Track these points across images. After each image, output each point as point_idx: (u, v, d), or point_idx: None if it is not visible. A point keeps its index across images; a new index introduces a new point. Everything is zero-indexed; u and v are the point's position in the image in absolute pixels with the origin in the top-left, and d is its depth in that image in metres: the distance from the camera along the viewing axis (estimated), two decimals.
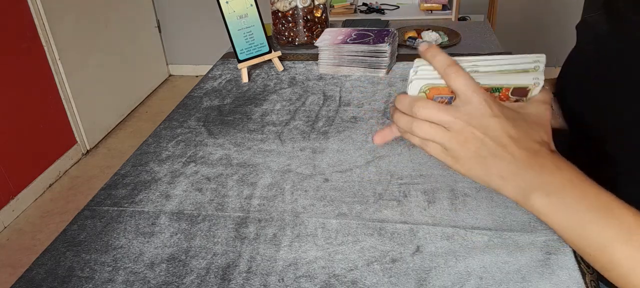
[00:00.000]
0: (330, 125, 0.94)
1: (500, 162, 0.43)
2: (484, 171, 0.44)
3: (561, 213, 0.41)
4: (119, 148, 2.85)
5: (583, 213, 0.41)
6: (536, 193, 0.42)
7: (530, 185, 0.42)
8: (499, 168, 0.43)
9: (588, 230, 0.41)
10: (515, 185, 0.43)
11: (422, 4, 1.78)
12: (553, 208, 0.42)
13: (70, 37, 2.62)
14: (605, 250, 0.40)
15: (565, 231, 0.42)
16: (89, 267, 0.64)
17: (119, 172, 0.84)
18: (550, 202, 0.42)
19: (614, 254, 0.40)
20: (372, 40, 1.14)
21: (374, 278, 0.59)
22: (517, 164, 0.42)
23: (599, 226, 0.40)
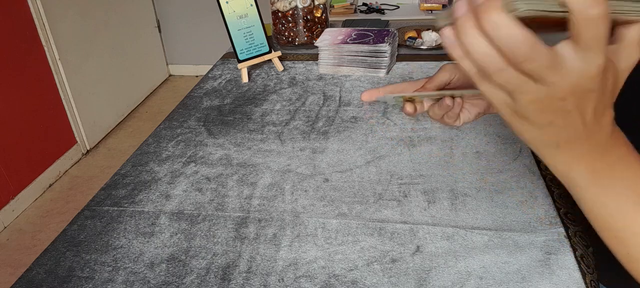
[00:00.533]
0: (330, 125, 0.94)
1: (567, 133, 0.35)
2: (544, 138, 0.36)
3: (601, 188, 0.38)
4: (119, 148, 2.85)
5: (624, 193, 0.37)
6: (583, 164, 0.37)
7: (581, 155, 0.37)
8: (561, 138, 0.36)
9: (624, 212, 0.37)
10: (567, 154, 0.37)
11: (422, 4, 1.78)
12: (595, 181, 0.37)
13: (70, 37, 2.62)
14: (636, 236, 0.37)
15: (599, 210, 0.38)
16: (89, 267, 0.64)
17: (119, 172, 0.84)
18: (595, 176, 0.37)
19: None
20: (372, 40, 1.14)
21: (374, 278, 0.59)
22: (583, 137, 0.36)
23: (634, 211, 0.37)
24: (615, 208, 0.38)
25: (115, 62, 3.03)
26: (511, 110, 0.35)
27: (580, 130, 0.35)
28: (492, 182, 0.75)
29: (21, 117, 2.35)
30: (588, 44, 0.30)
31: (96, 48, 2.85)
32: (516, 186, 0.73)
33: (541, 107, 0.33)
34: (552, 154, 0.38)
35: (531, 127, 0.35)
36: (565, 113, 0.34)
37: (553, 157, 0.38)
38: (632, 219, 0.37)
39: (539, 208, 0.68)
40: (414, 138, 0.87)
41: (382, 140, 0.88)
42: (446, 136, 0.87)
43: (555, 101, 0.33)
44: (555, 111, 0.34)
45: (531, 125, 0.35)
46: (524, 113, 0.34)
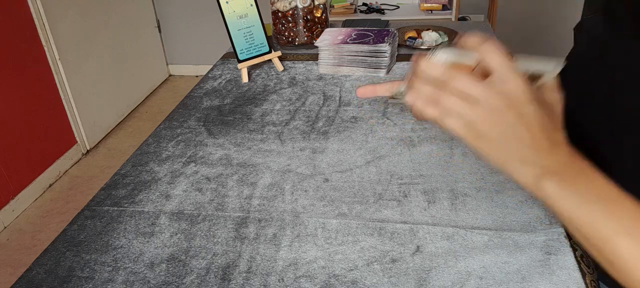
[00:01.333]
0: (330, 125, 0.94)
1: (524, 147, 0.42)
2: (505, 154, 0.43)
3: (571, 200, 0.42)
4: (119, 148, 2.85)
5: (591, 202, 0.41)
6: (551, 178, 0.42)
7: (547, 171, 0.42)
8: (520, 152, 0.43)
9: (594, 219, 0.41)
10: (533, 170, 0.43)
11: (422, 4, 1.78)
12: (564, 194, 0.42)
13: (70, 37, 2.62)
14: (609, 241, 0.40)
15: (572, 219, 0.42)
16: (89, 267, 0.64)
17: (119, 172, 0.84)
18: (563, 188, 0.42)
19: (618, 246, 0.40)
20: (372, 40, 1.14)
21: (374, 278, 0.59)
22: (538, 150, 0.42)
23: (605, 217, 0.41)
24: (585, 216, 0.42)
25: (115, 62, 3.03)
26: (472, 135, 0.43)
27: (535, 145, 0.42)
28: (492, 182, 0.75)
29: (21, 117, 2.35)
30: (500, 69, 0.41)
31: (96, 48, 2.85)
32: (516, 186, 0.73)
33: (489, 122, 0.42)
34: (519, 171, 0.44)
35: (491, 144, 0.43)
36: (511, 125, 0.41)
37: (521, 174, 0.44)
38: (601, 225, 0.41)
39: (539, 208, 0.68)
40: (414, 138, 0.87)
41: (382, 140, 0.88)
42: (446, 136, 0.87)
43: (497, 115, 0.41)
44: (500, 124, 0.42)
45: (490, 143, 0.43)
46: (479, 132, 0.43)
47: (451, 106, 0.43)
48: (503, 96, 0.41)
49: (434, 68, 0.43)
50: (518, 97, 0.41)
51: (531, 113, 0.42)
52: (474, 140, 0.44)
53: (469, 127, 0.43)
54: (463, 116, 0.43)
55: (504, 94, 0.41)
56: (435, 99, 0.43)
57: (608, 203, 0.41)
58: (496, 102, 0.41)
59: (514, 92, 0.41)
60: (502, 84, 0.41)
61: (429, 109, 0.44)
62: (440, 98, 0.43)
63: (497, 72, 0.41)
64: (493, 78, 0.41)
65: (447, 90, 0.43)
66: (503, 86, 0.41)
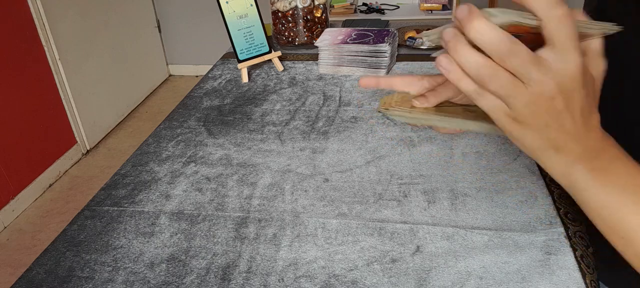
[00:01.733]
0: (330, 125, 0.94)
1: (564, 135, 0.38)
2: (541, 141, 0.39)
3: (601, 189, 0.39)
4: (119, 148, 2.85)
5: (623, 192, 0.38)
6: (582, 166, 0.39)
7: (578, 157, 0.39)
8: (558, 140, 0.38)
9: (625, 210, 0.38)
10: (565, 156, 0.39)
11: (422, 4, 1.78)
12: (594, 182, 0.39)
13: (70, 37, 2.62)
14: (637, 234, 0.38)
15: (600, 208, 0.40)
16: (89, 267, 0.64)
17: (119, 172, 0.84)
18: (593, 177, 0.39)
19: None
20: (372, 40, 1.14)
21: (374, 278, 0.59)
22: (577, 138, 0.38)
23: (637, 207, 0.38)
24: (616, 207, 0.39)
25: (115, 62, 3.03)
26: (510, 118, 0.38)
27: (573, 131, 0.38)
28: (492, 182, 0.75)
29: (21, 117, 2.35)
30: (563, 45, 0.34)
31: (96, 48, 2.85)
32: (516, 186, 0.73)
33: (534, 109, 0.36)
34: (551, 159, 0.40)
35: (529, 131, 0.38)
36: (557, 113, 0.37)
37: (553, 161, 0.40)
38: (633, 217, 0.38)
39: (539, 208, 0.68)
40: (414, 138, 0.87)
41: (382, 140, 0.88)
42: (446, 136, 0.87)
43: (546, 101, 0.36)
44: (547, 111, 0.37)
45: (528, 129, 0.38)
46: (520, 117, 0.37)
47: (499, 89, 0.36)
48: (557, 82, 0.35)
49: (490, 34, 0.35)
50: (572, 82, 0.36)
51: (579, 99, 0.37)
52: (510, 124, 0.39)
53: (509, 110, 0.38)
54: (509, 100, 0.37)
55: (561, 76, 0.35)
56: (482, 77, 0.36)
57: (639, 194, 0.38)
58: (548, 88, 0.36)
59: (570, 76, 0.35)
60: (561, 61, 0.35)
61: (465, 82, 0.38)
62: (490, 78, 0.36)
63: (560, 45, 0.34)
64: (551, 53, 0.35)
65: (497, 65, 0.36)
66: (560, 69, 0.35)
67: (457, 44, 0.37)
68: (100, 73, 2.88)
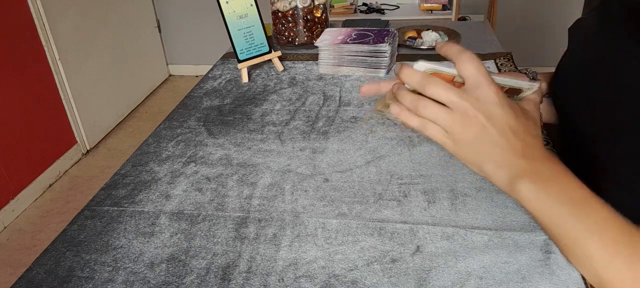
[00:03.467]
0: (330, 125, 0.94)
1: (498, 149, 0.45)
2: (480, 157, 0.46)
3: (544, 201, 0.44)
4: (119, 148, 2.85)
5: (563, 204, 0.43)
6: (524, 180, 0.44)
7: (520, 172, 0.44)
8: (495, 155, 0.45)
9: (566, 220, 0.43)
10: (507, 172, 0.45)
11: (422, 4, 1.78)
12: (537, 196, 0.44)
13: (70, 37, 2.62)
14: (579, 241, 0.42)
15: (544, 219, 0.44)
16: (89, 267, 0.64)
17: (119, 172, 0.84)
18: (536, 190, 0.44)
19: (588, 247, 0.42)
20: (372, 40, 1.14)
21: (374, 278, 0.59)
22: (512, 153, 0.45)
23: (576, 218, 0.42)
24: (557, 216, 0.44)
25: (115, 62, 3.03)
26: (449, 141, 0.46)
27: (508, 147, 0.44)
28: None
29: (21, 117, 2.35)
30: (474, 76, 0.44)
31: (96, 48, 2.85)
32: None
33: (463, 122, 0.44)
34: (495, 172, 0.46)
35: (466, 148, 0.46)
36: (483, 128, 0.44)
37: (497, 176, 0.46)
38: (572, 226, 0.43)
39: None
40: (414, 138, 0.87)
41: (382, 140, 0.88)
42: None
43: (470, 114, 0.44)
44: (474, 124, 0.44)
45: (466, 146, 0.46)
46: (455, 136, 0.45)
47: (428, 114, 0.46)
48: (473, 100, 0.44)
49: (412, 75, 0.46)
50: (487, 100, 0.44)
51: (501, 116, 0.44)
52: (453, 147, 0.47)
53: (446, 133, 0.46)
54: (440, 122, 0.46)
55: (474, 98, 0.44)
56: (415, 107, 0.46)
57: (579, 205, 0.43)
58: (466, 106, 0.44)
59: (483, 96, 0.44)
60: (473, 89, 0.44)
61: (411, 120, 0.48)
62: (419, 106, 0.46)
63: (471, 78, 0.44)
64: (466, 85, 0.45)
65: (423, 98, 0.46)
66: (474, 91, 0.44)
67: (399, 90, 0.48)
68: (100, 73, 2.88)
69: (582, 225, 0.42)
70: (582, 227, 0.42)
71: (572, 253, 0.44)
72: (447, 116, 0.45)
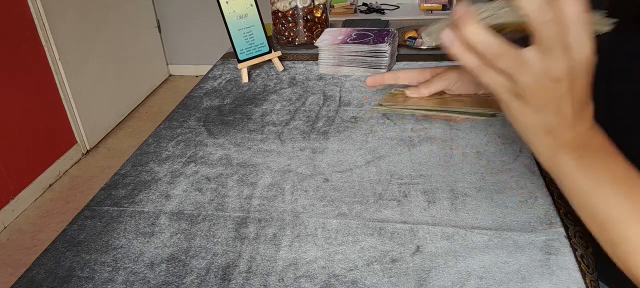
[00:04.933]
0: (330, 125, 0.94)
1: (559, 119, 0.39)
2: (536, 121, 0.40)
3: (586, 177, 0.40)
4: (119, 148, 2.85)
5: (607, 182, 0.40)
6: (569, 150, 0.40)
7: (566, 143, 0.40)
8: (553, 123, 0.39)
9: (607, 199, 0.40)
10: (555, 140, 0.40)
11: (422, 4, 1.78)
12: (579, 170, 0.40)
13: (70, 37, 2.62)
14: (619, 224, 0.39)
15: (583, 196, 0.41)
16: (89, 267, 0.64)
17: (119, 172, 0.84)
18: (579, 164, 0.40)
19: (628, 230, 0.39)
20: (372, 40, 1.14)
21: (374, 278, 0.59)
22: (569, 125, 0.39)
23: (619, 198, 0.39)
24: (597, 194, 0.40)
25: (115, 62, 3.03)
26: (512, 94, 0.39)
27: (569, 117, 0.39)
28: (492, 182, 0.75)
29: (21, 117, 2.35)
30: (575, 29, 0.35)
31: (96, 48, 2.85)
32: (516, 186, 0.73)
33: (539, 87, 0.37)
34: (542, 140, 0.41)
35: (528, 109, 0.39)
36: (560, 96, 0.37)
37: (542, 143, 0.41)
38: (613, 206, 0.39)
39: (539, 208, 0.68)
40: (414, 138, 0.87)
41: (382, 140, 0.88)
42: (446, 136, 0.87)
43: (551, 82, 0.36)
44: (551, 92, 0.37)
45: (528, 107, 0.39)
46: (523, 93, 0.38)
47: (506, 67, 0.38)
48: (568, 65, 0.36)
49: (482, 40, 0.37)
50: (581, 66, 0.36)
51: (583, 85, 0.38)
52: (510, 99, 0.39)
53: (513, 87, 0.38)
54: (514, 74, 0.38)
55: (570, 63, 0.36)
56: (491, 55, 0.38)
57: (624, 185, 0.39)
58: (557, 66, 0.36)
59: (579, 61, 0.36)
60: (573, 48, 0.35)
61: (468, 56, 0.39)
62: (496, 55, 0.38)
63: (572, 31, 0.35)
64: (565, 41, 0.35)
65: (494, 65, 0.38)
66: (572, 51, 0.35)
67: (467, 20, 0.37)
68: (100, 73, 2.88)
69: (626, 207, 0.39)
70: (625, 209, 0.39)
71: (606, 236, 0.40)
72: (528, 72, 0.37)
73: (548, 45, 0.35)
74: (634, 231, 0.39)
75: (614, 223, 0.39)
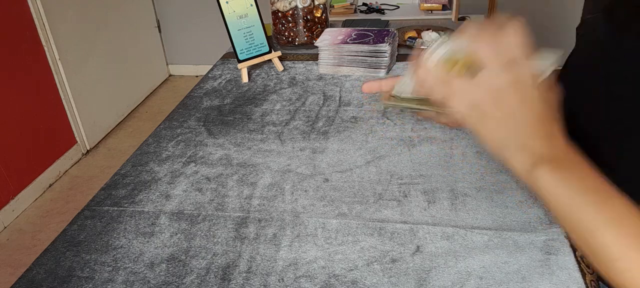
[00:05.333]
0: (330, 125, 0.94)
1: (523, 132, 0.43)
2: (505, 137, 0.44)
3: (562, 190, 0.43)
4: (119, 148, 2.85)
5: (582, 194, 0.42)
6: (545, 167, 0.43)
7: (542, 159, 0.43)
8: (521, 138, 0.44)
9: (584, 210, 0.42)
10: (528, 157, 0.44)
11: (422, 4, 1.78)
12: (556, 183, 0.43)
13: (70, 37, 2.62)
14: (596, 232, 0.41)
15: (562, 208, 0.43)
16: (89, 267, 0.64)
17: (119, 172, 0.84)
18: (555, 178, 0.43)
19: (604, 238, 0.41)
20: (372, 40, 1.14)
21: (374, 278, 0.59)
22: (537, 138, 0.43)
23: (595, 208, 0.42)
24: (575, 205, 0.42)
25: (115, 62, 3.03)
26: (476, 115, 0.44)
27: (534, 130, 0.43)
28: (492, 182, 0.75)
29: (21, 117, 2.35)
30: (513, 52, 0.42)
31: (96, 48, 2.85)
32: (516, 186, 0.73)
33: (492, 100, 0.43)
34: (517, 157, 0.44)
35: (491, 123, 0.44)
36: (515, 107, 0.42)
37: (518, 158, 0.45)
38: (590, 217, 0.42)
39: (539, 208, 0.68)
40: (414, 138, 0.87)
41: (382, 140, 0.88)
42: (446, 136, 0.87)
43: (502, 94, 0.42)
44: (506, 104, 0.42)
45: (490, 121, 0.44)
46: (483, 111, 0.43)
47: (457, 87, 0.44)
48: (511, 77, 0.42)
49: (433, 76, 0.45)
50: (525, 80, 0.42)
51: (535, 98, 0.43)
52: (476, 121, 0.45)
53: (474, 107, 0.44)
54: (470, 95, 0.44)
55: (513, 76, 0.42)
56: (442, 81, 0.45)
57: (598, 196, 0.42)
58: (503, 83, 0.42)
59: (522, 75, 0.42)
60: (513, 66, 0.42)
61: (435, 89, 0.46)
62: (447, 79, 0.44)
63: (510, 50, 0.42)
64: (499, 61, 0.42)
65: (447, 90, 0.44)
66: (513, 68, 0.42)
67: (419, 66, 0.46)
68: (100, 73, 2.88)
69: (599, 216, 0.41)
70: (599, 217, 0.41)
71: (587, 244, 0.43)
72: (479, 91, 0.43)
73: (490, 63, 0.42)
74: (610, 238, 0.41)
75: (592, 232, 0.42)
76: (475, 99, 0.44)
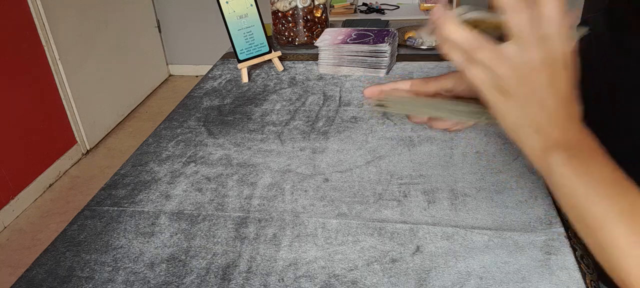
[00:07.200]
0: (330, 125, 0.94)
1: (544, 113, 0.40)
2: (523, 117, 0.41)
3: (574, 178, 0.40)
4: (119, 148, 2.85)
5: (595, 184, 0.40)
6: (561, 152, 0.40)
7: (556, 143, 0.41)
8: (539, 119, 0.40)
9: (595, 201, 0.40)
10: (544, 140, 0.41)
11: (422, 4, 1.78)
12: (569, 170, 0.40)
13: (70, 37, 2.62)
14: (605, 225, 0.39)
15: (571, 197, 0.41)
16: (89, 267, 0.64)
17: (119, 172, 0.84)
18: (569, 165, 0.40)
19: (614, 232, 0.39)
20: (372, 40, 1.14)
21: (374, 278, 0.59)
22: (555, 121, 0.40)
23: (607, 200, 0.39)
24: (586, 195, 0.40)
25: (115, 62, 3.03)
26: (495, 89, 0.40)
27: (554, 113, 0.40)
28: (492, 182, 0.75)
29: (21, 117, 2.35)
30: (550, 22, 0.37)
31: (96, 48, 2.85)
32: (516, 186, 0.73)
33: (518, 79, 0.39)
34: (531, 139, 0.42)
35: (512, 103, 0.40)
36: (540, 88, 0.39)
37: (532, 142, 0.42)
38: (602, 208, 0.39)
39: (539, 208, 0.68)
40: (414, 138, 0.87)
41: (382, 140, 0.88)
42: (446, 136, 0.87)
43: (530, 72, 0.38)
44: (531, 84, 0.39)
45: (512, 101, 0.40)
46: (505, 87, 0.40)
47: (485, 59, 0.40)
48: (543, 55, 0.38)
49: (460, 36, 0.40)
50: (557, 60, 0.38)
51: (564, 80, 0.39)
52: (495, 97, 0.41)
53: (495, 81, 0.40)
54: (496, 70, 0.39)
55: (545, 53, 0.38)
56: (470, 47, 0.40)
57: (612, 187, 0.39)
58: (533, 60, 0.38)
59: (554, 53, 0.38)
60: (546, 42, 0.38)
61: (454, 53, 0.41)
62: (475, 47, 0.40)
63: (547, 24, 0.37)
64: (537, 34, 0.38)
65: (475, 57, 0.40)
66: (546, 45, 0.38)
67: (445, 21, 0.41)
68: (100, 73, 2.88)
69: (612, 209, 0.39)
70: (610, 210, 0.39)
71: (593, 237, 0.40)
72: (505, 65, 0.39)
73: (523, 37, 0.37)
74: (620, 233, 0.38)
75: (601, 225, 0.39)
76: (500, 73, 0.39)
